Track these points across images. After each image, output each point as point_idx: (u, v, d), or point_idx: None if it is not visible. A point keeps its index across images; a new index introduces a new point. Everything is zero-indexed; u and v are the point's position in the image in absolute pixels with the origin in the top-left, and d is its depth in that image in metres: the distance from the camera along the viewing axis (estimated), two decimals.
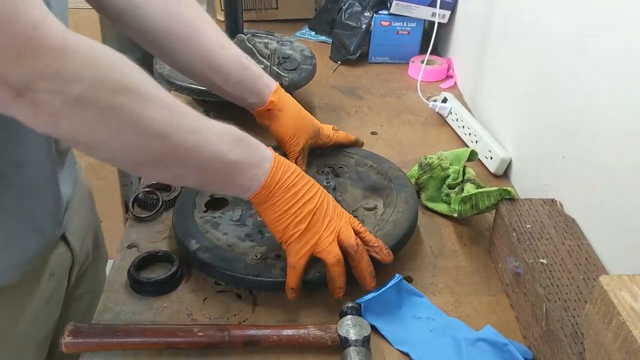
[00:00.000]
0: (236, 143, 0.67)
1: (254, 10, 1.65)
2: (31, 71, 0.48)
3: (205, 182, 0.68)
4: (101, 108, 0.53)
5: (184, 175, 0.66)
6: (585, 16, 0.80)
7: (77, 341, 0.69)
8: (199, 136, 0.63)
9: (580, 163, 0.81)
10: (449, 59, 1.43)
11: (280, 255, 0.79)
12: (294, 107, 0.93)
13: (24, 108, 0.50)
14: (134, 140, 0.57)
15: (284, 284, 0.74)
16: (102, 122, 0.54)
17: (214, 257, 0.78)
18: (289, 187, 0.71)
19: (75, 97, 0.51)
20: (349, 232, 0.74)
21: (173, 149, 0.60)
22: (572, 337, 0.64)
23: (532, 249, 0.75)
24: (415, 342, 0.72)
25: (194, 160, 0.63)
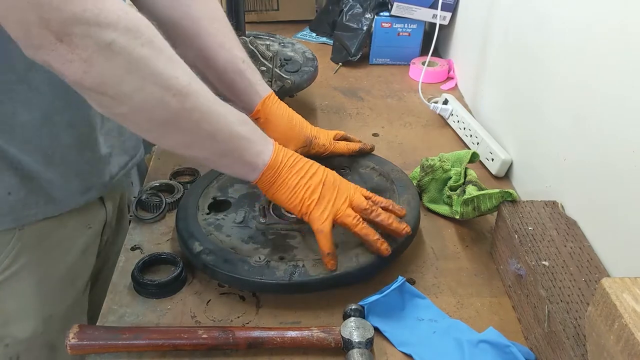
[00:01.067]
0: (243, 121, 0.71)
1: (255, 11, 1.66)
2: (72, 14, 0.52)
3: (215, 153, 0.70)
4: (131, 56, 0.57)
5: (196, 143, 0.68)
6: (586, 18, 0.81)
7: (82, 343, 0.69)
8: (213, 105, 0.66)
9: (582, 165, 0.81)
10: (450, 61, 1.43)
11: (283, 258, 0.79)
12: (282, 117, 0.93)
13: (60, 52, 0.54)
14: (157, 93, 0.60)
15: (288, 285, 0.75)
16: (130, 71, 0.57)
17: (217, 259, 0.78)
18: (292, 164, 0.75)
19: (107, 43, 0.55)
20: (360, 197, 0.78)
21: (190, 111, 0.64)
22: (574, 339, 0.64)
23: (534, 251, 0.75)
24: (418, 344, 0.72)
25: (208, 126, 0.66)
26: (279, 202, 0.77)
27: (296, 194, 0.75)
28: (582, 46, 0.82)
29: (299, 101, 1.28)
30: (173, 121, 0.64)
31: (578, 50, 0.83)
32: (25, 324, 0.83)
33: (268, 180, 0.74)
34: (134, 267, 0.80)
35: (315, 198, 0.75)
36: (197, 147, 0.68)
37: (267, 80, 1.10)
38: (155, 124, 0.64)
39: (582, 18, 0.82)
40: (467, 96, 1.31)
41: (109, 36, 0.55)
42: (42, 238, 0.81)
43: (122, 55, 0.56)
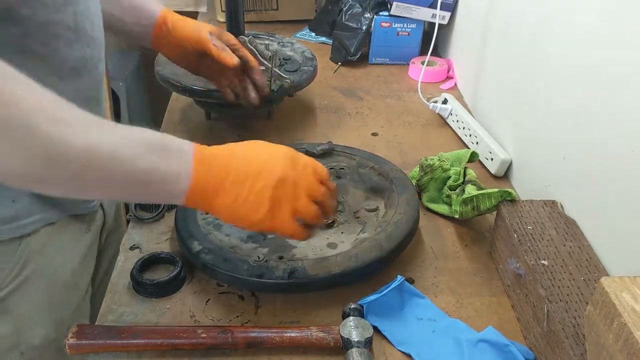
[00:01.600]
0: (150, 149, 0.60)
1: (254, 11, 1.66)
2: None
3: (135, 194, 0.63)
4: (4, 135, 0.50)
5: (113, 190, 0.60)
6: (585, 17, 0.81)
7: (81, 342, 0.69)
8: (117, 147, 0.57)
9: (581, 164, 0.82)
10: (449, 60, 1.43)
11: (282, 257, 0.80)
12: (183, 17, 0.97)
13: None
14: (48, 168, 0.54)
15: (287, 285, 0.75)
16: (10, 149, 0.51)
17: (216, 259, 0.78)
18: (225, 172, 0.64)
19: None
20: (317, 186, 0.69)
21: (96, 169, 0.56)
22: (573, 338, 0.64)
23: (533, 251, 0.75)
24: (417, 343, 0.72)
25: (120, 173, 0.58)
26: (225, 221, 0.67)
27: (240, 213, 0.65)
28: (581, 46, 0.82)
29: (298, 101, 1.28)
30: (77, 185, 0.57)
31: (578, 49, 0.83)
32: (38, 330, 0.83)
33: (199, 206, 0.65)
34: (133, 266, 0.80)
35: (264, 210, 0.65)
36: (113, 195, 0.66)
37: (267, 79, 1.10)
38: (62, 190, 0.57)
39: (582, 18, 0.82)
40: (467, 96, 1.31)
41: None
42: (45, 244, 0.81)
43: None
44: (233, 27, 1.16)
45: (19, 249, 0.78)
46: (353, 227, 0.86)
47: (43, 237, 0.80)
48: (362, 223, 0.86)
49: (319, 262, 0.76)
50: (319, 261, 0.77)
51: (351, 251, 0.78)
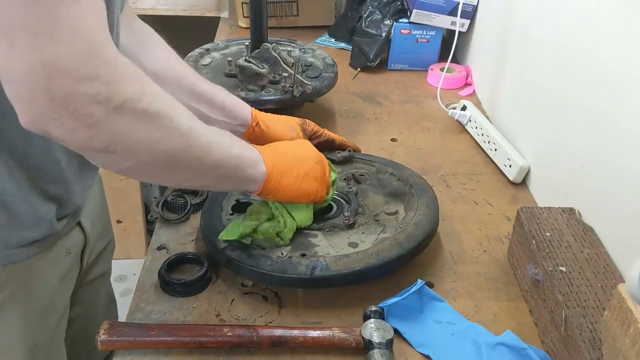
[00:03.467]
0: (232, 141, 0.73)
1: (275, 17, 1.68)
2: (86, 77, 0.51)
3: (218, 179, 0.73)
4: (137, 114, 0.57)
5: (200, 175, 0.70)
6: (604, 24, 0.82)
7: (112, 339, 0.72)
8: (210, 137, 0.68)
9: (599, 172, 0.83)
10: (468, 67, 1.44)
11: (305, 254, 0.82)
12: (272, 116, 0.99)
13: (64, 121, 0.52)
14: (164, 141, 0.61)
15: (309, 280, 0.78)
16: (138, 127, 0.58)
17: (241, 255, 0.80)
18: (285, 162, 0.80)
19: (115, 106, 0.54)
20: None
21: (194, 149, 0.66)
22: (590, 343, 0.66)
23: (551, 257, 0.77)
24: (436, 346, 0.74)
25: (210, 159, 0.68)
26: (286, 200, 0.81)
27: (298, 189, 0.80)
28: (600, 54, 0.83)
29: (318, 106, 1.31)
30: (178, 163, 0.65)
31: (597, 58, 0.84)
32: (12, 356, 0.82)
33: (269, 186, 0.78)
34: (161, 266, 0.83)
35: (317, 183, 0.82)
36: (201, 178, 0.71)
37: (289, 86, 1.12)
38: (162, 169, 0.65)
39: (601, 27, 0.83)
40: (485, 102, 1.33)
41: (117, 99, 0.54)
42: (23, 269, 0.79)
43: (130, 113, 0.56)
44: (256, 33, 1.19)
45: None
46: (373, 228, 0.88)
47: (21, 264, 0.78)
48: (382, 225, 0.88)
49: (341, 259, 0.79)
50: (340, 258, 0.79)
51: (372, 249, 0.80)
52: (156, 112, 0.60)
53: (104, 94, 0.53)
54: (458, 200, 1.02)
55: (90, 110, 0.53)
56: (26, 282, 0.80)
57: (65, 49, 0.50)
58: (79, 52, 0.51)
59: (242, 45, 1.29)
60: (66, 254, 0.87)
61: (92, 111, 0.53)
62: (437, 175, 1.09)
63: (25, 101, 0.52)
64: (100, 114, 0.54)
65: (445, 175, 1.09)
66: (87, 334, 0.72)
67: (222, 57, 1.28)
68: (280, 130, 0.97)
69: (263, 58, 1.15)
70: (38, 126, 0.53)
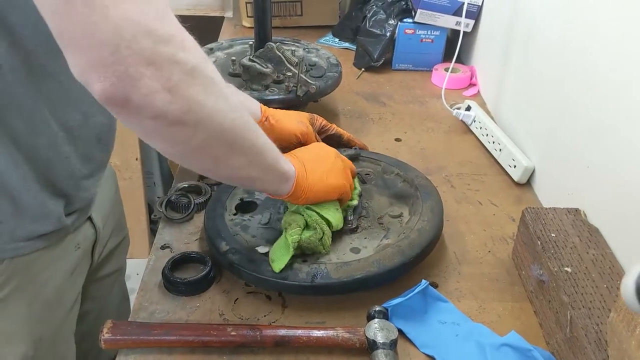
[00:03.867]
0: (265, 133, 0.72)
1: (279, 16, 1.68)
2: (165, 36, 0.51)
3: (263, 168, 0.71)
4: (206, 81, 0.57)
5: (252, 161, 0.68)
6: (610, 24, 0.82)
7: (116, 338, 0.72)
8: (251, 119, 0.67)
9: (605, 173, 0.82)
10: (472, 67, 1.44)
11: (306, 260, 0.81)
12: (281, 111, 0.99)
13: (146, 81, 0.51)
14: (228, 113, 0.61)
15: (310, 287, 0.77)
16: (208, 94, 0.57)
17: (242, 259, 0.80)
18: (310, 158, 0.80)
19: (190, 68, 0.54)
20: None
21: (247, 129, 0.65)
22: (596, 344, 0.65)
23: (557, 258, 0.77)
24: (440, 346, 0.74)
25: (258, 142, 0.68)
26: (316, 201, 0.80)
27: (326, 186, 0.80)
28: (606, 55, 0.83)
29: (321, 106, 1.30)
30: (237, 142, 0.64)
31: (602, 58, 0.84)
32: (15, 347, 0.82)
33: (298, 187, 0.76)
34: (165, 265, 0.83)
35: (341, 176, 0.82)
36: (252, 166, 0.69)
37: (293, 85, 1.12)
38: (224, 149, 0.63)
39: (606, 28, 0.83)
40: (490, 103, 1.33)
41: (191, 61, 0.54)
42: (30, 262, 0.80)
43: (201, 78, 0.56)
44: (260, 32, 1.18)
45: (1, 266, 0.77)
46: (376, 232, 0.87)
47: (28, 256, 0.79)
48: (385, 229, 0.88)
49: (342, 267, 0.78)
50: (341, 265, 0.78)
51: (373, 256, 0.80)
52: (217, 82, 0.59)
53: (181, 56, 0.53)
54: (462, 201, 1.02)
55: (169, 71, 0.52)
56: (33, 275, 0.81)
57: (142, 9, 0.50)
58: (156, 13, 0.51)
59: (246, 45, 1.29)
60: (75, 249, 0.87)
61: (171, 72, 0.52)
62: (442, 175, 1.08)
63: (107, 65, 0.49)
64: (178, 75, 0.53)
65: (450, 175, 1.09)
66: (97, 331, 0.72)
67: (226, 56, 1.28)
68: (289, 124, 0.96)
69: (267, 57, 1.15)
70: (118, 91, 0.51)
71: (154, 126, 0.55)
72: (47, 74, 0.70)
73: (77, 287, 0.92)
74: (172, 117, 0.55)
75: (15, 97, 0.70)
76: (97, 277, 1.01)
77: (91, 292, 1.01)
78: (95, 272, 1.00)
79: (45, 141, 0.75)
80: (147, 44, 0.50)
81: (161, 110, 0.53)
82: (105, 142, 0.86)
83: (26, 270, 0.80)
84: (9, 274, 0.78)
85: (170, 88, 0.52)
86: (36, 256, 0.80)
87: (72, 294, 0.90)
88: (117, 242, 1.04)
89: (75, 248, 0.87)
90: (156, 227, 0.95)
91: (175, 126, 0.56)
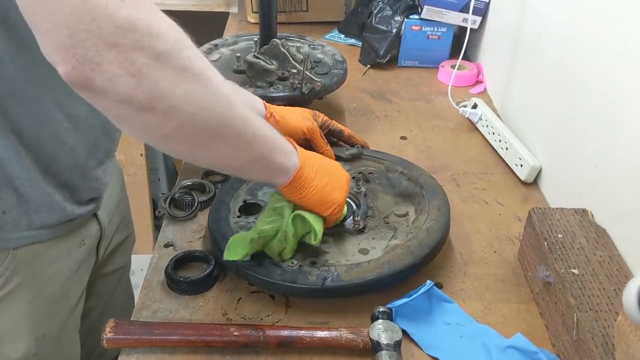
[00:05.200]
0: (269, 125, 0.72)
1: (284, 12, 1.67)
2: (126, 21, 0.50)
3: (250, 160, 0.69)
4: (180, 66, 0.55)
5: (235, 152, 0.67)
6: (620, 24, 0.81)
7: (118, 337, 0.71)
8: (247, 111, 0.66)
9: (613, 173, 0.81)
10: (479, 64, 1.43)
11: (315, 262, 0.80)
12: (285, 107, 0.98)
13: (107, 66, 0.50)
14: (206, 102, 0.59)
15: (320, 291, 0.76)
16: (180, 82, 0.55)
17: (250, 263, 0.79)
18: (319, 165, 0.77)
19: (157, 54, 0.52)
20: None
21: (233, 119, 0.63)
22: (602, 348, 0.64)
23: (563, 259, 0.76)
24: (445, 348, 0.73)
25: (247, 133, 0.66)
26: (309, 206, 0.77)
27: (326, 196, 0.77)
28: (614, 53, 0.82)
29: (327, 103, 1.29)
30: (217, 131, 0.62)
31: (611, 56, 0.83)
32: (18, 344, 0.82)
33: (297, 183, 0.75)
34: (168, 264, 0.82)
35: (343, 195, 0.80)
36: (236, 156, 0.67)
37: (298, 82, 1.11)
38: (200, 138, 0.62)
39: (615, 25, 0.82)
40: (496, 100, 1.31)
41: (160, 46, 0.52)
42: (35, 257, 0.80)
43: (172, 65, 0.54)
44: (265, 29, 1.17)
45: (5, 261, 0.77)
46: (384, 232, 0.86)
47: (32, 250, 0.79)
48: (392, 229, 0.87)
49: (352, 269, 0.77)
50: (351, 267, 0.77)
51: (383, 258, 0.79)
52: (196, 69, 0.57)
53: (146, 40, 0.52)
54: (468, 200, 1.01)
55: (133, 55, 0.51)
56: (37, 271, 0.81)
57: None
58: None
59: (251, 41, 1.28)
60: (80, 245, 0.87)
61: (134, 57, 0.51)
62: (447, 174, 1.07)
63: (66, 47, 0.49)
64: (143, 60, 0.52)
65: (456, 174, 1.08)
66: (102, 327, 0.72)
67: (230, 53, 1.28)
68: (294, 120, 0.96)
69: (272, 54, 1.14)
70: (80, 74, 0.50)
71: (122, 111, 0.55)
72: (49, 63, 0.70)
73: (82, 284, 0.92)
74: (138, 102, 0.54)
75: (18, 87, 0.70)
76: (102, 274, 1.01)
77: (96, 289, 1.01)
78: (101, 269, 1.00)
79: (49, 132, 0.75)
80: (108, 28, 0.49)
81: (126, 94, 0.52)
82: (112, 131, 0.86)
83: (30, 265, 0.80)
84: (13, 268, 0.78)
85: (134, 72, 0.52)
86: (40, 251, 0.80)
87: (76, 291, 0.90)
88: (122, 238, 1.04)
89: (80, 244, 0.87)
90: (160, 223, 0.95)
91: (144, 112, 0.55)
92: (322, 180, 0.77)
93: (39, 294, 0.82)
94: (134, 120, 0.56)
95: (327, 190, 0.77)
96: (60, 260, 0.84)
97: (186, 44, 0.57)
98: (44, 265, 0.82)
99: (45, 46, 0.51)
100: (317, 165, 0.77)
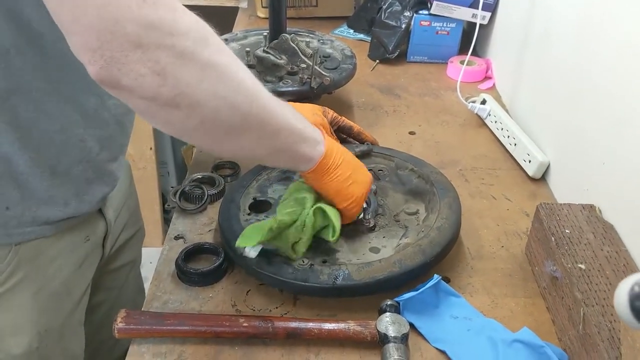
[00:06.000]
0: (295, 114, 0.72)
1: (293, 7, 1.68)
2: (150, 20, 0.51)
3: (274, 150, 0.70)
4: (203, 62, 0.56)
5: (259, 143, 0.68)
6: (629, 17, 0.81)
7: (129, 327, 0.73)
8: (272, 103, 0.67)
9: (621, 169, 0.82)
10: (488, 60, 1.43)
11: (326, 261, 0.81)
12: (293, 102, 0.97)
13: (133, 65, 0.52)
14: (229, 97, 0.60)
15: (332, 289, 0.76)
16: (204, 77, 0.57)
17: (262, 261, 0.79)
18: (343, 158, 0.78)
19: (180, 52, 0.54)
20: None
21: (257, 112, 0.64)
22: (608, 342, 0.65)
23: (571, 254, 0.76)
24: (452, 341, 0.74)
25: (272, 125, 0.67)
26: (327, 193, 0.78)
27: (346, 187, 0.78)
28: (624, 49, 0.82)
29: (335, 98, 1.30)
30: (241, 125, 0.63)
31: (619, 53, 0.83)
32: (20, 339, 0.82)
33: (321, 170, 0.76)
34: (178, 255, 0.83)
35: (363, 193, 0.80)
36: (259, 147, 0.68)
37: (307, 77, 1.12)
38: (224, 131, 0.62)
39: (624, 21, 0.82)
40: (505, 96, 1.31)
41: (182, 44, 0.54)
42: (38, 252, 0.80)
43: (195, 62, 0.55)
44: (275, 23, 1.18)
45: (8, 256, 0.78)
46: (394, 231, 0.86)
47: (35, 245, 0.79)
48: (403, 227, 0.87)
49: (363, 268, 0.77)
50: (363, 266, 0.77)
51: (394, 256, 0.79)
52: (220, 65, 0.58)
53: (169, 39, 0.53)
54: (476, 195, 1.01)
55: (157, 54, 0.52)
56: (40, 266, 0.81)
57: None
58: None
59: (260, 36, 1.29)
60: (84, 241, 0.87)
61: (158, 56, 0.52)
62: (456, 169, 1.08)
63: (94, 49, 0.51)
64: (167, 59, 0.53)
65: (464, 169, 1.08)
66: (112, 321, 0.73)
67: (240, 47, 1.28)
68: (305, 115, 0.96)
69: (281, 49, 1.15)
70: (108, 74, 0.52)
71: (148, 107, 0.57)
72: (58, 57, 0.70)
73: (86, 279, 0.92)
74: (163, 100, 0.55)
75: (24, 81, 0.70)
76: (111, 268, 1.01)
77: (105, 283, 1.01)
78: (109, 263, 1.00)
79: (57, 126, 0.75)
80: (132, 29, 0.51)
81: (151, 92, 0.54)
82: (125, 124, 0.86)
83: (33, 261, 0.80)
84: (16, 263, 0.78)
85: (159, 71, 0.53)
86: (44, 246, 0.80)
87: (80, 286, 0.90)
88: (131, 233, 1.04)
89: (84, 240, 0.87)
90: (169, 217, 0.96)
91: (169, 108, 0.56)
92: (346, 171, 0.78)
93: (42, 289, 0.83)
94: (159, 115, 0.58)
95: (348, 181, 0.78)
96: (63, 255, 0.84)
97: (210, 40, 0.58)
98: (47, 261, 0.82)
99: (75, 47, 0.52)
100: (344, 157, 0.78)
